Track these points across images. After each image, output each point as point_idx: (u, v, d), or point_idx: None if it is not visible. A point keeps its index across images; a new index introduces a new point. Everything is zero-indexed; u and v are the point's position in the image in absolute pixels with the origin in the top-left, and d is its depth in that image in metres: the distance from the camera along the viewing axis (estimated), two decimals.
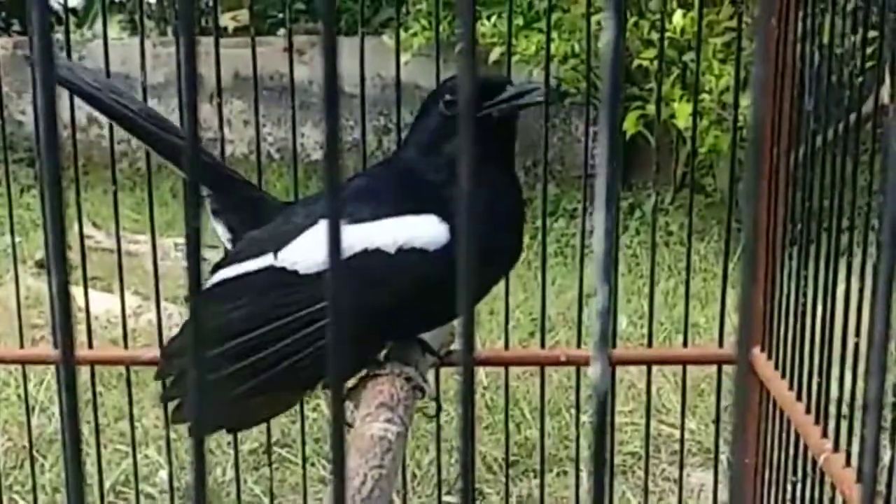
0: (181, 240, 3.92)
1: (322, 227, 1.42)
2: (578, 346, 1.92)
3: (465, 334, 0.38)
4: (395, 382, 1.45)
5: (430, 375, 1.68)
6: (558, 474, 3.20)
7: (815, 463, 1.48)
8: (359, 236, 1.39)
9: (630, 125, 5.17)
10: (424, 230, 1.40)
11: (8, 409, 3.30)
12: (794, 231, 1.62)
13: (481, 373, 3.53)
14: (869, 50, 1.38)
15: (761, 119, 0.36)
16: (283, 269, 1.43)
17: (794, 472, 1.59)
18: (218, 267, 1.52)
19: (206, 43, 1.79)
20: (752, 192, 0.41)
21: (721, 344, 1.88)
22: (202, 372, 0.38)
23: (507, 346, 1.94)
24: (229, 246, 1.58)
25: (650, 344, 1.93)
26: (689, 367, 1.95)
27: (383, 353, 1.53)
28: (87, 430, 3.18)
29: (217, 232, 1.61)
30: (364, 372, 1.50)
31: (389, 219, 1.40)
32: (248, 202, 1.57)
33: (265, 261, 1.45)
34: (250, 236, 1.51)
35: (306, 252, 1.42)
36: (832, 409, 1.46)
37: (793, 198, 1.63)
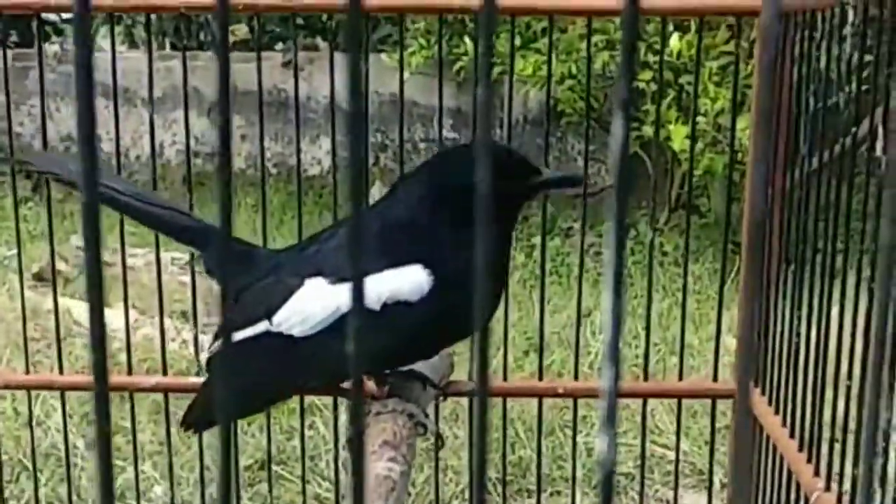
0: (178, 254, 3.92)
1: (309, 287, 1.47)
2: (576, 368, 1.92)
3: (479, 372, 0.39)
4: (397, 420, 1.46)
5: (431, 408, 1.69)
6: (552, 494, 3.20)
7: (807, 501, 1.47)
8: (343, 296, 1.42)
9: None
10: (407, 282, 1.43)
11: (4, 423, 3.29)
12: (789, 254, 1.62)
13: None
14: (864, 73, 1.39)
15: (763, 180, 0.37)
16: (280, 333, 1.48)
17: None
18: (219, 334, 1.55)
19: (203, 57, 1.80)
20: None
21: (715, 377, 1.88)
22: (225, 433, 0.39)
23: (505, 378, 1.95)
24: (223, 303, 1.61)
25: (646, 377, 1.93)
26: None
27: (385, 390, 1.57)
28: (81, 445, 3.18)
29: (213, 290, 1.66)
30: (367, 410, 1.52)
31: (372, 276, 1.42)
32: (238, 256, 1.59)
33: (261, 326, 1.50)
34: (243, 299, 1.54)
35: (297, 316, 1.47)
36: (825, 447, 1.45)
37: (787, 222, 1.63)
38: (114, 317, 3.82)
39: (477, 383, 0.39)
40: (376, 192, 6.64)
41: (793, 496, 1.56)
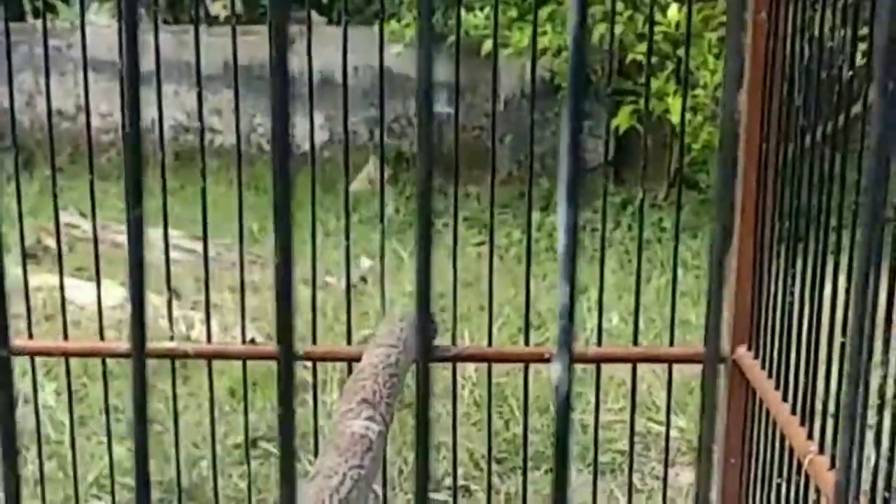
0: (170, 231, 3.89)
1: None
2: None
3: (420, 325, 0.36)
4: (377, 379, 1.43)
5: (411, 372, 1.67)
6: (546, 472, 3.18)
7: (800, 464, 1.46)
8: None
9: (623, 120, 5.15)
10: None
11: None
12: (783, 229, 1.60)
13: (469, 368, 3.51)
14: (861, 46, 1.36)
15: (733, 114, 0.34)
16: None
17: (780, 473, 1.58)
18: None
19: (193, 31, 1.77)
20: (723, 192, 0.39)
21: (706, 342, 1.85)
22: None
23: (490, 343, 1.92)
24: None
25: (636, 342, 1.91)
26: (680, 366, 1.93)
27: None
28: (69, 423, 3.16)
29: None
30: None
31: None
32: None
33: None
34: None
35: None
36: (818, 410, 1.44)
37: (781, 195, 1.61)
38: (103, 292, 3.80)
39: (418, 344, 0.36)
40: (371, 168, 6.60)
41: (786, 459, 1.54)
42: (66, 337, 1.92)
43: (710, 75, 4.87)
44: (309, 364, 1.96)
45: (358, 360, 1.60)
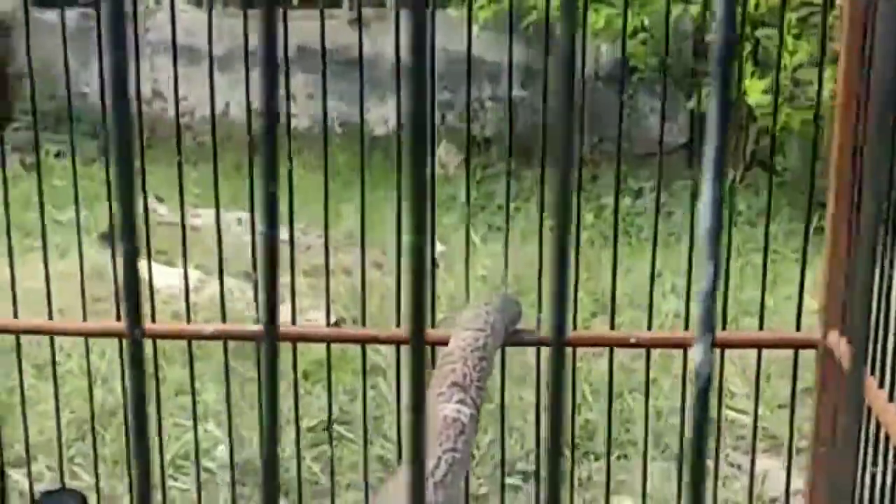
0: (243, 214, 3.93)
1: None
2: (649, 328, 1.87)
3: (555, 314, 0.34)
4: (467, 362, 1.40)
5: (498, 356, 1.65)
6: (619, 458, 3.15)
7: None
8: None
9: (701, 102, 5.07)
10: None
11: (71, 381, 3.33)
12: (881, 211, 1.54)
13: (543, 353, 3.48)
14: None
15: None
16: None
17: (875, 462, 1.53)
18: None
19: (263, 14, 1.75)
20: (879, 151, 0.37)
21: (798, 327, 1.81)
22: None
23: (574, 326, 1.89)
24: None
25: (724, 326, 1.87)
26: (750, 351, 1.89)
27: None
28: (148, 404, 3.19)
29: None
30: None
31: None
32: None
33: None
34: None
35: None
36: None
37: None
38: (178, 276, 3.84)
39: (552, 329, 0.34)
40: (442, 153, 6.59)
41: (881, 446, 1.49)
42: (153, 319, 1.94)
43: (788, 56, 4.77)
44: (383, 348, 1.96)
45: (439, 344, 1.59)
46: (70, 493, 1.99)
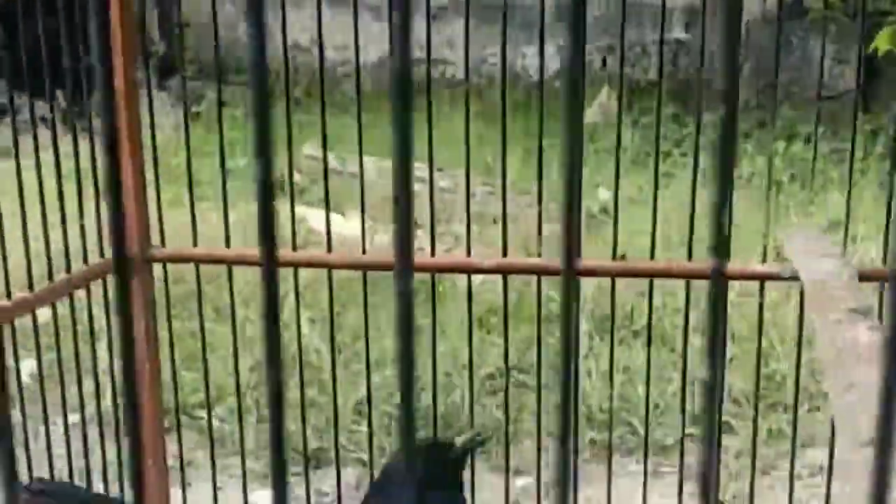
0: (417, 164, 3.95)
1: None
2: None
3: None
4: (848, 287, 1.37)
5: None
6: (809, 410, 3.06)
7: None
8: None
9: (882, 43, 4.79)
10: None
11: (250, 328, 3.40)
12: None
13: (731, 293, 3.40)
14: None
15: None
16: None
17: None
18: None
19: None
20: None
21: None
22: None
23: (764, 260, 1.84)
24: None
25: None
26: None
27: None
28: (325, 349, 3.24)
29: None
30: None
31: None
32: None
33: None
34: None
35: None
36: None
37: None
38: (347, 225, 3.90)
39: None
40: (604, 97, 6.48)
41: None
42: (329, 250, 1.97)
43: None
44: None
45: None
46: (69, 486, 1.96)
